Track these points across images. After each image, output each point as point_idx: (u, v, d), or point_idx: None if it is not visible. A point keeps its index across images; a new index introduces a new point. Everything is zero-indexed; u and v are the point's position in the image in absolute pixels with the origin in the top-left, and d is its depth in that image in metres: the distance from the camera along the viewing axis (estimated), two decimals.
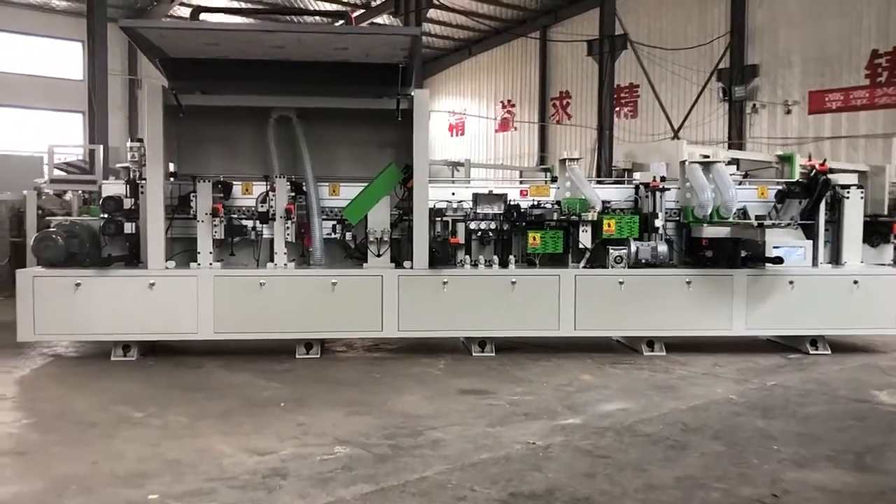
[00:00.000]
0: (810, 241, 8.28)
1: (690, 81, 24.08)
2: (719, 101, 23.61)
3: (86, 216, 9.78)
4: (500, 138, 32.03)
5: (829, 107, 21.41)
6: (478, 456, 4.87)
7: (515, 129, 31.13)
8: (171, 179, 8.29)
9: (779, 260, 7.99)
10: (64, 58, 27.72)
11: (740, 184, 13.78)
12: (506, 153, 32.09)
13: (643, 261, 8.08)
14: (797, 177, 14.42)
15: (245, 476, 4.53)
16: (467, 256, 8.18)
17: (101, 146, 13.33)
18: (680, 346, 8.12)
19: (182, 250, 8.19)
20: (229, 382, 6.80)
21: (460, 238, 8.19)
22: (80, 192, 13.02)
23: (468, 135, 33.08)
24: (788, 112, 22.78)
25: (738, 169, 14.74)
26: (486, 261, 8.16)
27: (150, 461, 4.75)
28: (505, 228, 8.28)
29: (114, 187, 8.30)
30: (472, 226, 8.24)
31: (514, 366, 7.49)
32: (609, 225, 8.11)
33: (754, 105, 23.23)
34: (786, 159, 14.39)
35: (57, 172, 13.57)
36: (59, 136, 25.65)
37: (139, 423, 5.59)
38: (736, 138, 23.89)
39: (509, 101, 31.25)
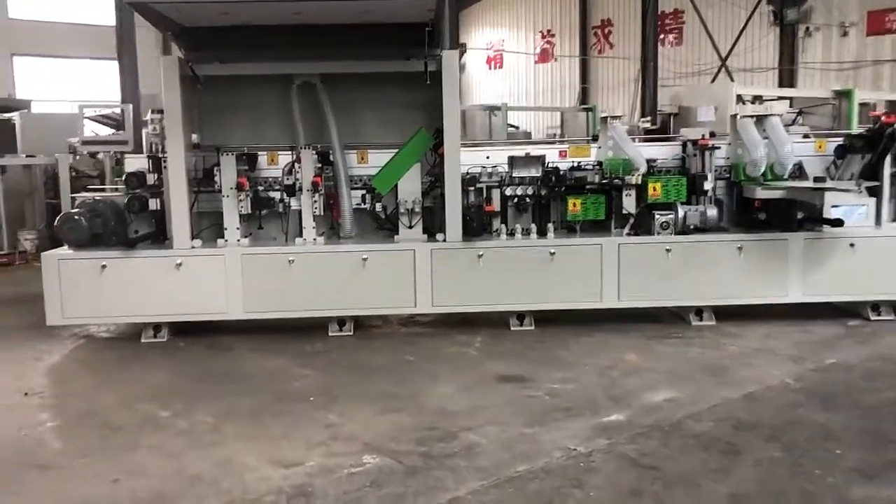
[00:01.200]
0: (873, 200, 7.69)
1: (738, 5, 22.78)
2: (769, 26, 22.35)
3: (117, 182, 9.56)
4: (540, 70, 31.00)
5: (890, 27, 20.15)
6: (514, 468, 4.54)
7: (556, 59, 30.06)
8: (195, 151, 7.94)
9: (839, 222, 7.42)
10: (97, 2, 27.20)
11: (793, 123, 13.09)
12: (546, 86, 31.10)
13: (691, 226, 7.56)
14: (856, 115, 13.67)
15: (269, 497, 4.27)
16: (503, 225, 7.75)
17: (131, 105, 13.03)
18: (731, 313, 7.64)
19: (210, 224, 7.89)
20: (260, 369, 6.56)
21: (495, 205, 7.74)
22: (111, 152, 12.80)
23: (506, 68, 32.08)
24: (845, 34, 21.53)
25: (791, 106, 14.02)
26: (523, 229, 7.71)
27: (171, 479, 4.52)
28: (543, 194, 7.80)
29: (137, 162, 7.99)
30: (508, 192, 7.78)
31: (554, 342, 7.12)
32: (654, 188, 7.57)
33: (807, 28, 21.95)
34: (844, 95, 13.54)
35: (91, 127, 13.37)
36: (99, 85, 25.35)
37: (164, 425, 5.36)
38: (787, 65, 22.69)
39: (549, 30, 30.11)
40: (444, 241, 7.47)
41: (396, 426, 5.21)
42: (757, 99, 13.37)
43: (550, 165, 7.91)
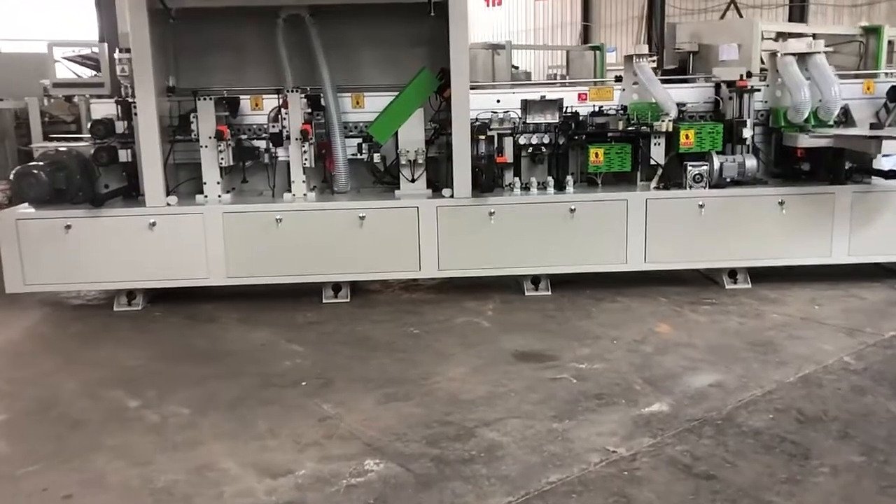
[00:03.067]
0: None
1: None
2: None
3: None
4: (540, 7, 29.67)
5: None
6: (545, 477, 3.77)
7: None
8: (170, 95, 7.01)
9: (893, 174, 6.58)
10: None
11: None
12: (546, 23, 29.82)
13: (728, 179, 6.70)
14: (885, 53, 12.67)
15: None
16: (517, 179, 6.87)
17: (106, 44, 11.95)
18: (766, 275, 6.85)
19: (188, 178, 7.01)
20: (245, 345, 5.76)
21: (508, 156, 6.86)
22: (86, 95, 11.78)
23: (505, 5, 30.69)
24: None
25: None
26: (539, 183, 6.84)
27: (134, 495, 3.74)
28: (561, 143, 6.90)
29: (104, 108, 7.06)
30: (522, 140, 6.88)
31: (574, 310, 6.33)
32: (687, 136, 6.68)
33: None
34: (872, 31, 12.56)
35: (72, 69, 12.32)
36: (78, 23, 23.99)
37: (132, 419, 4.58)
38: (798, 1, 21.56)
39: None
40: (452, 196, 6.61)
41: (402, 420, 4.43)
42: (780, 36, 12.44)
43: (569, 111, 7.01)
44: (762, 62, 9.63)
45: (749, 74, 7.10)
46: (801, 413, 4.39)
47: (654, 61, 18.48)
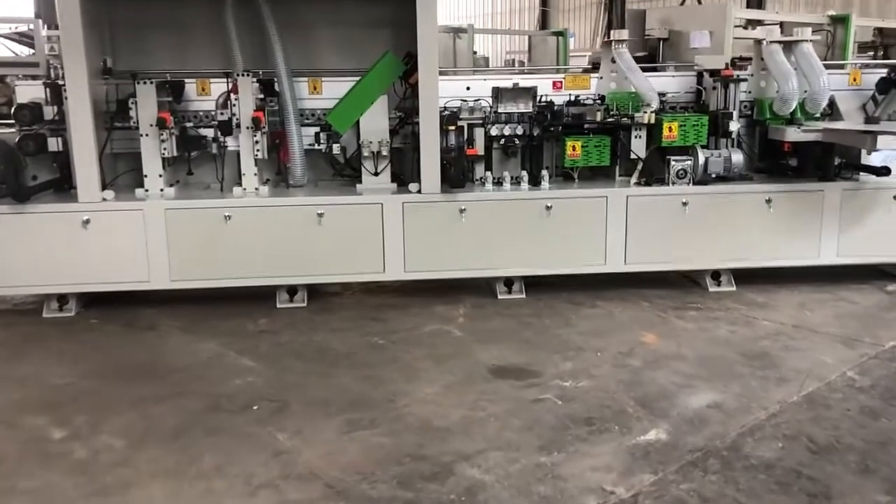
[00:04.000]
0: None
1: None
2: None
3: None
4: None
5: None
6: None
7: None
8: (106, 78, 6.28)
9: (885, 171, 6.19)
10: None
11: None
12: (504, 8, 29.26)
13: (713, 175, 6.22)
14: (852, 43, 12.36)
15: None
16: (488, 173, 6.30)
17: (41, 20, 11.03)
18: (750, 276, 6.41)
19: (128, 169, 6.31)
20: (190, 359, 5.11)
21: (479, 148, 6.28)
22: (20, 76, 10.86)
23: None
24: None
25: (782, 32, 12.69)
26: (512, 178, 6.30)
27: None
28: (535, 134, 6.35)
29: (32, 91, 6.30)
30: (494, 131, 6.32)
31: (552, 316, 5.80)
32: (670, 129, 6.19)
33: None
34: (839, 20, 12.25)
35: (7, 46, 11.36)
36: None
37: (56, 453, 3.92)
38: None
39: None
40: (419, 192, 6.02)
41: (369, 453, 3.85)
42: (750, 23, 12.06)
43: (543, 100, 6.45)
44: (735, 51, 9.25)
45: (733, 63, 6.63)
46: (813, 441, 3.93)
47: None
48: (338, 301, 6.21)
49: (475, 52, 17.24)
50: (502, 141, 6.33)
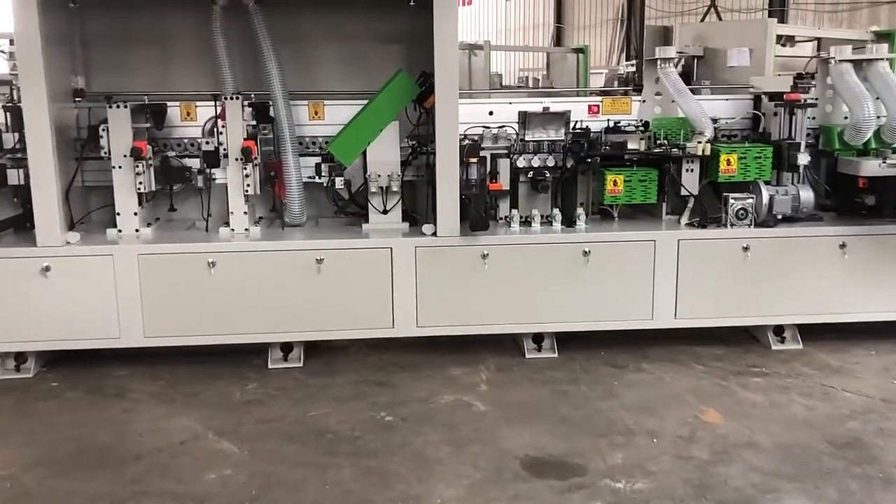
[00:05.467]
0: None
1: None
2: None
3: None
4: (512, 7, 28.21)
5: None
6: None
7: None
8: (78, 101, 5.40)
9: None
10: None
11: None
12: (518, 24, 28.41)
13: (778, 215, 5.27)
14: None
15: None
16: (514, 211, 5.37)
17: None
18: (816, 331, 5.43)
19: (103, 204, 5.40)
20: (160, 439, 4.17)
21: (504, 182, 5.35)
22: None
23: (476, 4, 29.14)
24: None
25: (819, 49, 11.78)
26: (542, 217, 5.37)
27: None
28: (569, 166, 5.41)
29: None
30: (521, 163, 5.38)
31: (591, 382, 4.85)
32: (728, 161, 5.24)
33: None
34: (884, 37, 11.27)
35: None
36: None
37: None
38: (777, 5, 20.46)
39: None
40: (434, 234, 5.09)
41: None
42: (788, 40, 11.13)
43: (577, 126, 5.53)
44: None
45: (796, 84, 5.68)
46: None
47: (632, 65, 17.15)
48: (339, 359, 5.26)
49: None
50: (530, 174, 5.40)
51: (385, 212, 5.31)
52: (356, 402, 4.60)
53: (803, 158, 5.27)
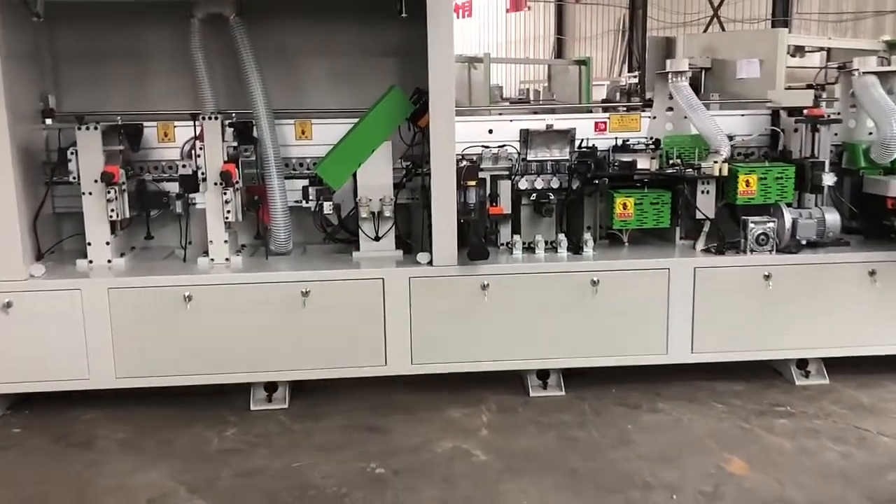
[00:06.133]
0: None
1: None
2: None
3: None
4: (513, 19, 27.93)
5: None
6: None
7: (529, 8, 26.96)
8: (47, 121, 5.00)
9: None
10: None
11: (835, 81, 10.85)
12: (518, 36, 28.11)
13: (802, 240, 4.84)
14: None
15: None
16: (517, 237, 4.95)
17: None
18: (842, 364, 4.99)
19: (76, 232, 4.97)
20: (125, 497, 3.74)
21: (504, 206, 4.94)
22: None
23: (476, 15, 28.86)
24: None
25: (828, 60, 11.38)
26: (547, 242, 4.95)
27: None
28: (574, 187, 5.00)
29: None
30: (523, 184, 4.97)
31: (602, 426, 4.41)
32: (748, 183, 4.82)
33: None
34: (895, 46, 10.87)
35: None
36: None
37: None
38: (780, 15, 20.14)
39: None
40: (430, 263, 4.67)
41: None
42: (798, 50, 10.74)
43: (583, 144, 5.12)
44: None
45: (817, 97, 5.27)
46: None
47: (634, 76, 16.73)
48: (328, 399, 4.81)
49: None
50: (533, 196, 4.99)
51: (377, 238, 4.90)
52: (344, 451, 4.17)
53: (829, 179, 4.84)
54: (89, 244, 4.73)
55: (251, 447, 4.23)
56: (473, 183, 4.66)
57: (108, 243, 4.74)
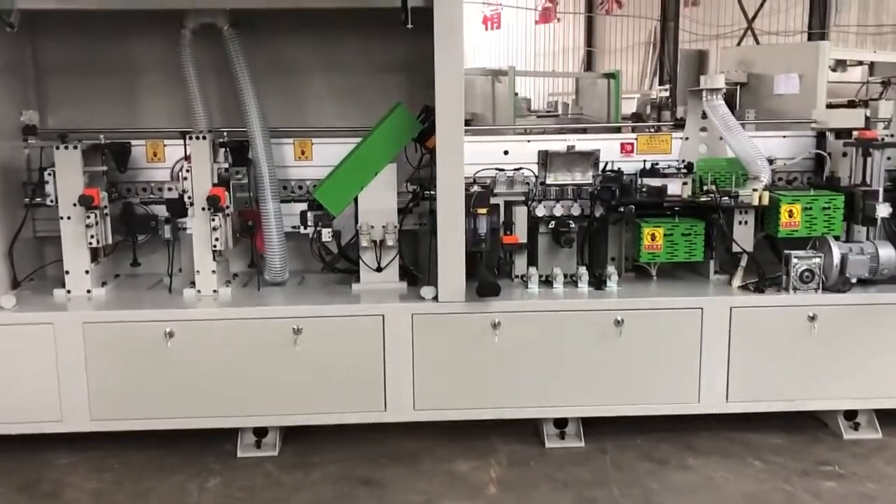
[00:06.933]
0: None
1: None
2: None
3: None
4: (542, 31, 27.44)
5: None
6: None
7: (559, 20, 26.51)
8: (29, 139, 4.64)
9: None
10: None
11: (880, 96, 10.36)
12: (547, 48, 27.60)
13: (852, 278, 4.31)
14: None
15: None
16: (532, 269, 4.49)
17: None
18: (893, 416, 4.45)
19: (58, 258, 4.58)
20: None
21: (520, 235, 4.47)
22: None
23: (504, 28, 28.43)
24: None
25: (870, 74, 10.79)
26: (566, 276, 4.48)
27: None
28: (598, 216, 4.53)
29: None
30: (541, 211, 4.51)
31: (624, 484, 3.92)
32: (791, 213, 4.31)
33: None
34: None
35: None
36: None
37: None
38: (817, 27, 19.52)
39: None
40: (435, 299, 4.21)
41: None
42: (839, 64, 10.18)
43: (607, 167, 4.65)
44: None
45: (867, 120, 4.74)
46: None
47: (665, 90, 16.15)
48: (322, 447, 4.35)
49: (516, 94, 15.52)
50: (552, 224, 4.53)
51: (379, 269, 4.46)
52: None
53: (883, 210, 4.31)
54: (67, 273, 4.35)
55: (235, 501, 3.80)
56: (484, 211, 4.22)
57: (87, 272, 4.35)
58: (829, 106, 7.29)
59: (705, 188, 4.47)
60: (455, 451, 4.25)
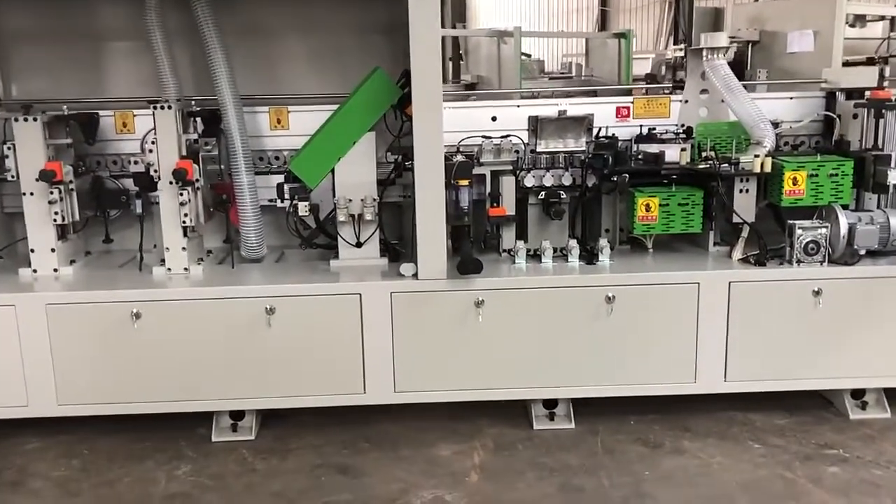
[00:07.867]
0: None
1: None
2: None
3: None
4: None
5: None
6: None
7: None
8: None
9: None
10: None
11: None
12: (560, 8, 26.94)
13: (860, 249, 4.02)
14: None
15: None
16: (521, 242, 4.24)
17: None
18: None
19: (23, 237, 4.40)
20: None
21: (507, 206, 4.22)
22: None
23: None
24: None
25: (892, 30, 10.29)
26: (556, 250, 4.22)
27: None
28: (590, 185, 4.26)
29: None
30: (530, 181, 4.25)
31: (614, 469, 3.71)
32: (795, 180, 4.02)
33: None
34: None
35: None
36: None
37: None
38: None
39: None
40: (415, 276, 3.98)
41: None
42: (858, 20, 9.69)
43: (602, 133, 4.37)
44: None
45: (881, 79, 4.41)
46: None
47: (680, 49, 15.67)
48: (301, 431, 4.17)
49: (529, 55, 15.04)
50: (542, 195, 4.26)
51: (358, 245, 4.23)
52: (307, 501, 3.53)
53: (894, 176, 4.00)
54: (32, 251, 4.16)
55: (201, 492, 3.63)
56: (466, 182, 3.96)
57: (53, 250, 4.16)
58: (847, 64, 6.93)
59: (704, 154, 4.19)
60: (438, 434, 4.06)
